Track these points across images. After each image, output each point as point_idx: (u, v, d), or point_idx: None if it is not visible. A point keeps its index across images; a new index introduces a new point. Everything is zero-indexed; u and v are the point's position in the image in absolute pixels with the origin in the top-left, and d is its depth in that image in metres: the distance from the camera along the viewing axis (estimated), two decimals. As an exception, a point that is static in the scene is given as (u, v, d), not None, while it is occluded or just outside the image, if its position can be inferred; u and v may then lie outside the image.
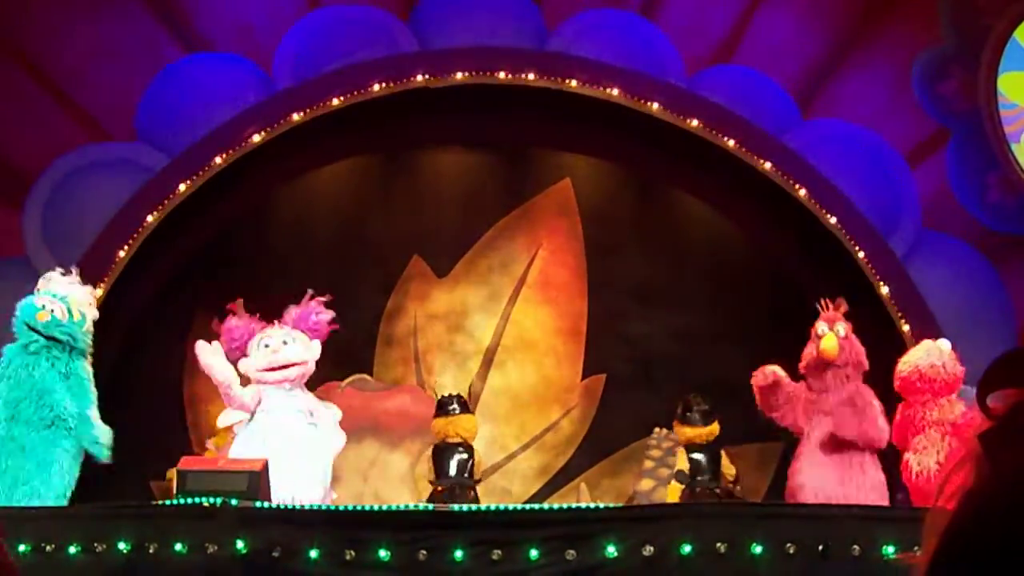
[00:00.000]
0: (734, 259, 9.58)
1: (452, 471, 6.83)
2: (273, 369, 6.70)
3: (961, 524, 1.36)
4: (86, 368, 6.43)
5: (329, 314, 6.97)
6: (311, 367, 6.85)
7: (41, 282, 6.60)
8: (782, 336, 7.88)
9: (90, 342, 6.52)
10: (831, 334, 6.68)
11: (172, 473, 6.24)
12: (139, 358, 9.10)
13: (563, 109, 9.19)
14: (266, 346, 6.76)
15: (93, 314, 6.60)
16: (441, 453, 6.95)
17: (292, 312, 6.95)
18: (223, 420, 6.91)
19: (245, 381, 6.74)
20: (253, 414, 6.61)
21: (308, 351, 6.83)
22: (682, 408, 6.97)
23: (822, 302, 6.94)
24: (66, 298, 6.45)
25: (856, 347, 6.80)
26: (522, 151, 9.69)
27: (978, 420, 1.42)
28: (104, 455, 6.30)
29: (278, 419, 6.56)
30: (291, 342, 6.80)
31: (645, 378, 9.27)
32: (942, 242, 9.52)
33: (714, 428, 6.86)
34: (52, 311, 6.34)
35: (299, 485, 6.20)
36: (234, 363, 6.76)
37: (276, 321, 6.91)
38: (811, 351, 6.71)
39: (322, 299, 6.98)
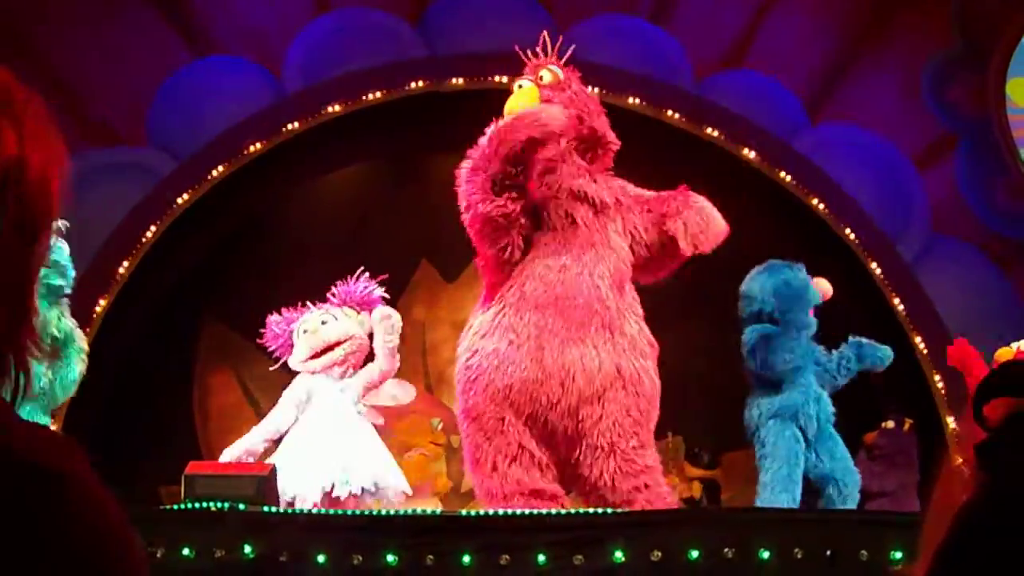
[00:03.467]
0: (741, 266, 9.57)
1: None
2: (316, 355, 6.21)
3: (958, 535, 1.36)
4: None
5: (380, 289, 6.51)
6: (364, 342, 6.29)
7: None
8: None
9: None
10: None
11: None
12: (147, 363, 9.11)
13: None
14: (304, 331, 6.23)
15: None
16: None
17: (338, 289, 6.47)
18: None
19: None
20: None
21: (356, 325, 6.30)
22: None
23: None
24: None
25: None
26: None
27: (974, 431, 1.42)
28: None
29: (326, 420, 6.09)
30: (331, 320, 6.26)
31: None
32: (951, 246, 9.51)
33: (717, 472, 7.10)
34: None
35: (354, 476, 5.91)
36: (284, 360, 6.31)
37: (313, 303, 6.39)
38: None
39: (376, 278, 6.53)
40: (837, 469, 6.61)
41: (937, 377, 9.11)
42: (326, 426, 6.08)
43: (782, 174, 9.27)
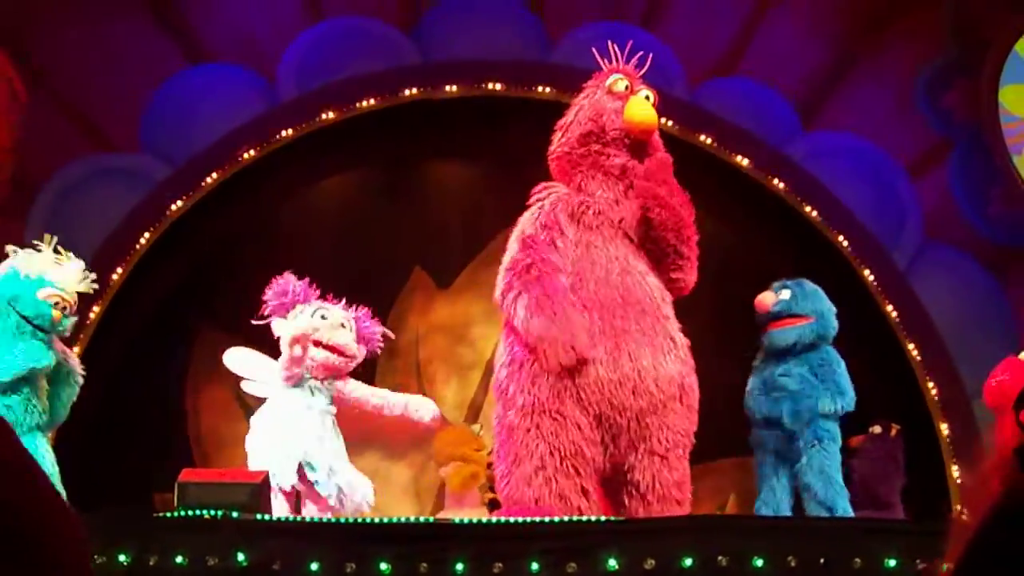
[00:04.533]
0: (735, 273, 9.57)
1: None
2: (321, 345, 6.20)
3: (991, 534, 1.37)
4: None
5: (381, 329, 6.58)
6: (349, 369, 6.39)
7: (27, 261, 5.84)
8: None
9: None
10: None
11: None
12: (140, 372, 9.10)
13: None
14: (323, 318, 6.22)
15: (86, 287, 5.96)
16: None
17: (353, 312, 6.50)
18: (250, 388, 6.57)
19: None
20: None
21: (359, 351, 6.38)
22: None
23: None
24: (72, 292, 5.83)
25: None
26: (523, 163, 9.68)
27: (1013, 434, 1.43)
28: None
29: (298, 424, 6.12)
30: (349, 329, 6.28)
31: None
32: (945, 254, 9.52)
33: None
34: (64, 309, 5.76)
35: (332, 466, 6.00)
36: (270, 320, 6.28)
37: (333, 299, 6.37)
38: None
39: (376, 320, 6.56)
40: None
41: (931, 384, 9.12)
42: (298, 412, 6.14)
43: (775, 181, 9.28)
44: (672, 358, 5.43)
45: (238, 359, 6.59)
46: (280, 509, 5.94)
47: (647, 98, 5.89)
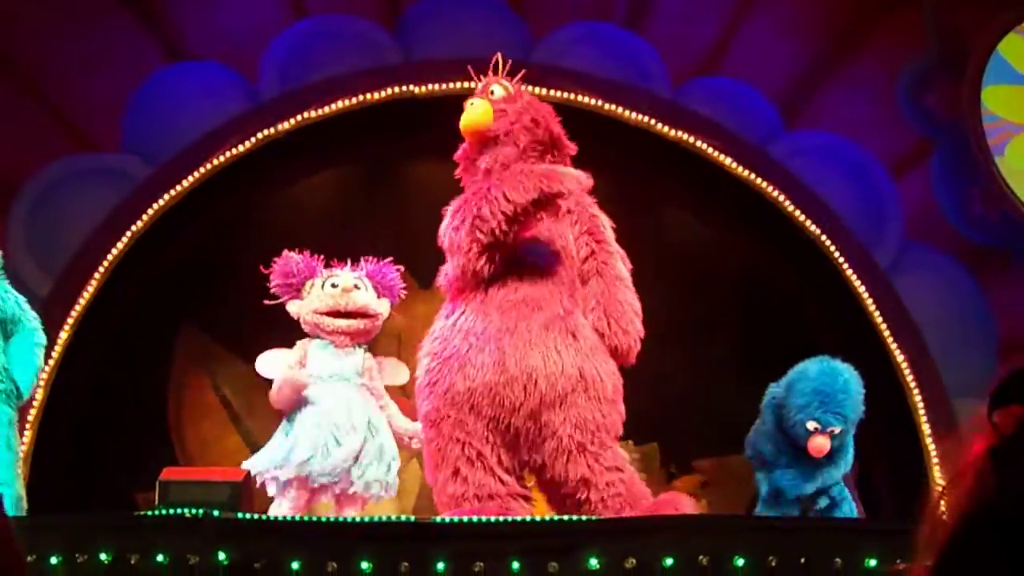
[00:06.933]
0: (716, 273, 9.59)
1: None
2: (339, 314, 5.94)
3: (965, 537, 1.38)
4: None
5: (401, 280, 6.31)
6: (379, 327, 6.13)
7: None
8: (762, 350, 7.90)
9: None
10: None
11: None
12: (123, 371, 9.08)
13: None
14: (333, 286, 5.95)
15: None
16: None
17: (368, 264, 6.22)
18: (262, 367, 6.17)
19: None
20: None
21: (380, 305, 6.10)
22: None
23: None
24: None
25: None
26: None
27: (985, 435, 1.44)
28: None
29: (329, 389, 5.86)
30: (364, 288, 6.01)
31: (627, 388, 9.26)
32: (925, 254, 9.54)
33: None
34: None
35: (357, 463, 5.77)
36: (284, 302, 5.99)
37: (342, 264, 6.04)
38: None
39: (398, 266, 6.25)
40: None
41: (913, 384, 9.14)
42: (337, 393, 5.88)
43: (757, 180, 9.30)
44: (572, 352, 5.41)
45: (270, 363, 6.20)
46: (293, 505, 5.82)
47: (471, 104, 5.88)
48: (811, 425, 6.02)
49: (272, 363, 6.14)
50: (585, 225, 5.78)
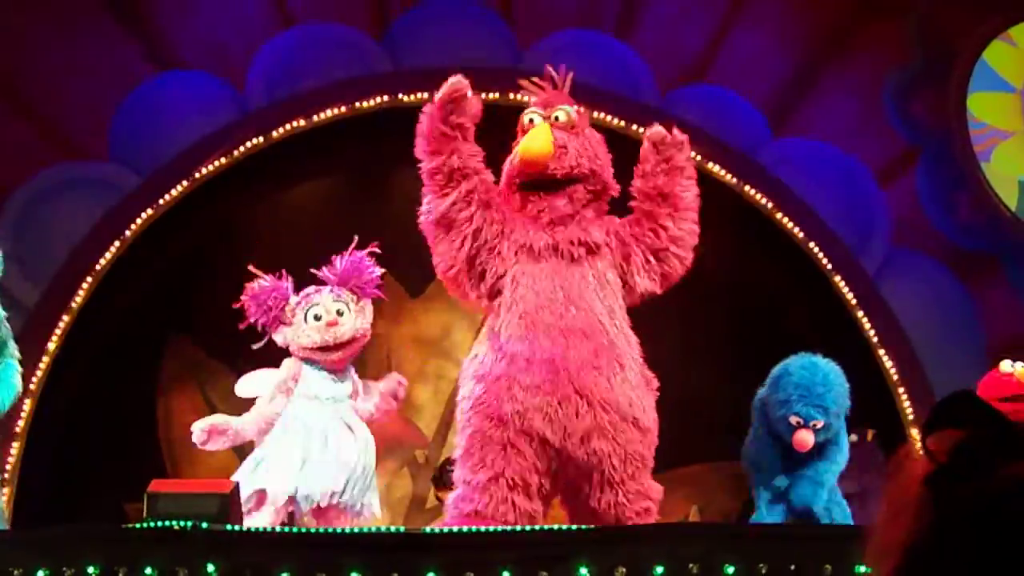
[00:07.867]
0: (704, 280, 9.59)
1: None
2: (330, 348, 5.77)
3: (908, 568, 1.37)
4: None
5: (378, 271, 6.07)
6: (368, 336, 5.95)
7: None
8: (750, 356, 7.89)
9: None
10: None
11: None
12: (111, 381, 9.06)
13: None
14: (316, 318, 5.74)
15: None
16: None
17: (336, 264, 5.94)
18: (242, 389, 6.05)
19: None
20: (289, 392, 5.75)
21: (365, 318, 5.90)
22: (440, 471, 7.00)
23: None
24: None
25: None
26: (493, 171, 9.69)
27: (920, 463, 1.43)
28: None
29: (321, 409, 5.77)
30: (347, 310, 5.79)
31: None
32: (912, 260, 9.57)
33: None
34: None
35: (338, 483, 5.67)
36: (269, 333, 5.79)
37: (317, 287, 5.82)
38: None
39: (369, 250, 6.00)
40: None
41: (901, 389, 9.16)
42: (324, 419, 5.78)
43: (745, 187, 9.31)
44: (619, 381, 5.37)
45: (250, 384, 6.09)
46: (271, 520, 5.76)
47: (531, 120, 5.70)
48: (793, 420, 5.99)
49: (254, 384, 6.05)
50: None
